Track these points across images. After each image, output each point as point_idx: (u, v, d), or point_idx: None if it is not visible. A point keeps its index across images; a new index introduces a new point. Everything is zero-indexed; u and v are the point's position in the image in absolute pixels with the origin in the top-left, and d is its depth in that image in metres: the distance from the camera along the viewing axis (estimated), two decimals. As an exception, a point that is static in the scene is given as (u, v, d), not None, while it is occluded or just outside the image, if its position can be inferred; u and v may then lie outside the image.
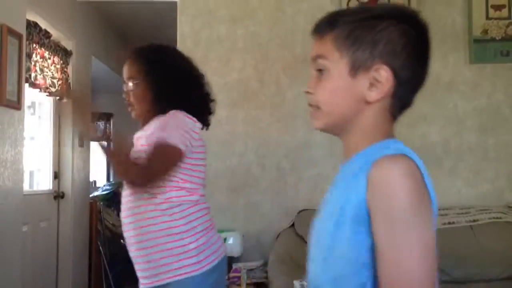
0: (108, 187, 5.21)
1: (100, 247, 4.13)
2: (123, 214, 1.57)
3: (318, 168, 2.87)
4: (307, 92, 0.88)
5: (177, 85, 1.59)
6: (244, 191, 2.88)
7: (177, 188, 1.51)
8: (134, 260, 1.57)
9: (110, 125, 6.40)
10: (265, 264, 2.64)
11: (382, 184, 0.75)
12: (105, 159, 1.54)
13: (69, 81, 3.56)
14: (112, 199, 5.04)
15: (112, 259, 4.37)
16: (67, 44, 3.53)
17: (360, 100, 0.83)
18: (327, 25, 0.87)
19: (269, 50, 2.92)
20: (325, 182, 2.87)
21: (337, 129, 0.88)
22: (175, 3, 3.00)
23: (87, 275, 3.96)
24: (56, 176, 3.50)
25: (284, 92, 2.90)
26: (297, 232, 2.60)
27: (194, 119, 1.55)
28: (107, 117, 6.35)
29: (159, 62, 1.60)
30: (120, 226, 4.83)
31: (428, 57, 0.85)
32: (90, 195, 4.31)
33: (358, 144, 0.86)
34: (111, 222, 4.42)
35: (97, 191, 5.16)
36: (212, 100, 1.68)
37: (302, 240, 2.56)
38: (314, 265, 0.88)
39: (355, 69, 0.83)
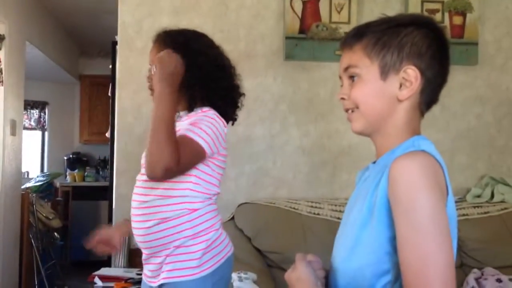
0: (42, 178, 5.01)
1: (32, 240, 3.97)
2: (133, 217, 1.49)
3: (258, 162, 2.90)
4: (342, 99, 0.97)
5: (206, 73, 1.50)
6: (184, 184, 2.86)
7: (193, 191, 1.45)
8: (144, 261, 1.52)
9: (45, 114, 6.15)
10: (204, 257, 2.64)
11: (400, 180, 0.82)
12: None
13: (0, 67, 3.38)
14: (46, 191, 4.86)
15: (44, 253, 4.22)
16: (-1, 27, 3.36)
17: (393, 99, 0.93)
18: (356, 36, 0.96)
19: (212, 43, 2.90)
20: (265, 176, 2.92)
21: (373, 129, 0.96)
22: (116, -10, 2.92)
23: (18, 269, 3.80)
24: (-15, 166, 3.33)
25: (226, 86, 2.90)
26: (237, 225, 2.62)
27: (224, 122, 1.49)
28: (42, 105, 6.10)
29: (189, 48, 1.50)
30: (53, 218, 4.66)
31: (448, 57, 0.96)
32: (22, 187, 4.13)
33: (390, 142, 0.94)
34: (44, 215, 4.26)
35: (30, 182, 4.96)
36: (242, 94, 1.60)
37: (242, 233, 2.58)
38: (340, 254, 0.95)
39: (386, 72, 0.92)
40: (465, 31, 2.96)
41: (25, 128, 5.30)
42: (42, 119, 6.11)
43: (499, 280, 2.42)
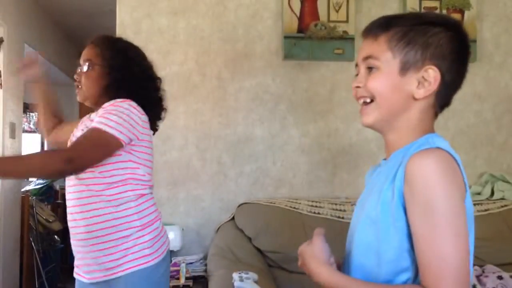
0: (41, 181, 5.01)
1: (33, 243, 3.97)
2: (69, 209, 1.52)
3: (258, 162, 2.90)
4: (357, 87, 0.95)
5: (134, 79, 1.57)
6: (185, 184, 2.86)
7: (130, 182, 1.49)
8: (77, 255, 1.53)
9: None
10: (205, 257, 2.64)
11: (417, 177, 0.82)
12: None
13: (-1, 69, 3.38)
14: (46, 194, 4.85)
15: (45, 255, 4.21)
16: (-2, 30, 3.36)
17: (408, 97, 0.92)
18: (382, 27, 0.95)
19: (211, 44, 2.91)
20: (265, 176, 2.92)
21: (385, 124, 0.95)
22: (114, -8, 2.92)
23: (19, 272, 3.80)
24: (-15, 169, 3.32)
25: (225, 86, 2.91)
26: (237, 225, 2.62)
27: (141, 109, 1.51)
28: (41, 108, 6.08)
29: (122, 52, 1.58)
30: (54, 221, 4.65)
31: (467, 63, 0.96)
32: (22, 189, 4.13)
33: (401, 139, 0.94)
34: (44, 217, 4.26)
35: (29, 185, 4.95)
36: (164, 108, 1.68)
37: (242, 233, 2.58)
38: (356, 250, 0.95)
39: (406, 68, 0.92)
40: (464, 29, 2.96)
41: (25, 131, 5.30)
42: (41, 122, 6.10)
43: (500, 277, 2.42)
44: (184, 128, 2.88)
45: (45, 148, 6.14)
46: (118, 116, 1.44)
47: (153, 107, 1.63)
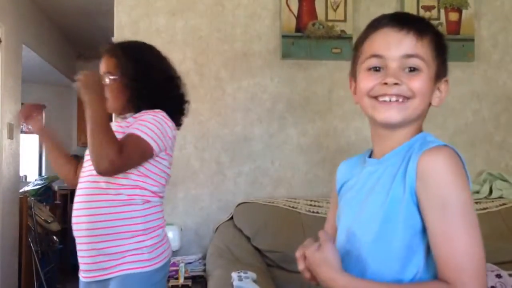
0: (40, 182, 5.01)
1: (31, 244, 3.96)
2: (75, 204, 1.52)
3: (257, 162, 2.90)
4: (395, 84, 0.91)
5: (155, 84, 1.58)
6: (183, 184, 2.86)
7: (142, 188, 1.50)
8: (80, 253, 1.52)
9: (42, 117, 6.13)
10: (203, 257, 2.64)
11: (430, 174, 0.84)
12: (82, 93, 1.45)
13: (-3, 70, 3.38)
14: (44, 194, 4.85)
15: (44, 256, 4.21)
16: (-5, 31, 3.35)
17: (429, 102, 0.96)
18: (425, 27, 0.94)
19: (209, 44, 2.90)
20: (264, 176, 2.92)
21: (407, 123, 0.95)
22: (112, -8, 2.92)
23: (17, 273, 3.79)
24: (-17, 170, 3.32)
25: (224, 86, 2.90)
26: (236, 225, 2.62)
27: (173, 125, 1.56)
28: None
29: (139, 59, 1.58)
30: (52, 222, 4.65)
31: None
32: (20, 190, 4.12)
33: (400, 138, 0.95)
34: (43, 218, 4.25)
35: (28, 186, 4.95)
36: (187, 101, 1.70)
37: (241, 233, 2.58)
38: (360, 249, 0.94)
39: (438, 75, 0.95)
40: (461, 28, 2.97)
41: (23, 132, 5.28)
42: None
43: (498, 276, 2.42)
44: (182, 127, 2.84)
45: (44, 148, 6.13)
46: (156, 126, 1.48)
47: (177, 104, 1.66)
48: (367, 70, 0.95)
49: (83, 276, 1.53)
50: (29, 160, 5.90)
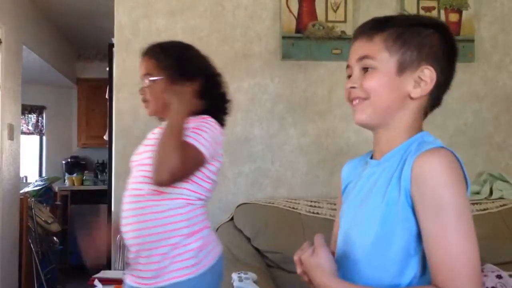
0: (40, 183, 5.00)
1: (32, 245, 3.96)
2: (124, 213, 1.50)
3: (257, 162, 2.90)
4: (352, 87, 0.96)
5: (198, 84, 1.55)
6: (183, 185, 2.86)
7: (186, 193, 1.48)
8: (132, 260, 1.51)
9: (42, 118, 6.14)
10: (204, 258, 2.64)
11: (425, 177, 0.83)
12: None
13: (-3, 71, 3.38)
14: (45, 195, 4.85)
15: (44, 257, 4.21)
16: (-4, 31, 3.35)
17: (404, 96, 0.93)
18: (377, 28, 0.96)
19: (209, 44, 2.90)
20: (264, 176, 2.92)
21: (379, 122, 0.96)
22: (112, -7, 2.92)
23: (18, 274, 3.79)
24: (-17, 171, 3.32)
25: (224, 87, 2.90)
26: (236, 225, 2.62)
27: (221, 130, 1.54)
28: (39, 110, 6.09)
29: (178, 59, 1.56)
30: (52, 223, 4.64)
31: (456, 64, 0.98)
32: (21, 191, 4.12)
33: (396, 139, 0.94)
34: (43, 219, 4.25)
35: (28, 186, 4.95)
36: (229, 100, 1.67)
37: (241, 234, 2.58)
38: (357, 253, 0.94)
39: (403, 68, 0.93)
40: (461, 28, 2.97)
41: (23, 132, 5.29)
42: (39, 124, 6.10)
43: (499, 277, 2.42)
44: (183, 128, 2.88)
45: (44, 149, 6.13)
46: (208, 133, 1.46)
47: (219, 104, 1.63)
48: (347, 79, 1.00)
49: (138, 282, 1.50)
50: (30, 161, 5.90)
